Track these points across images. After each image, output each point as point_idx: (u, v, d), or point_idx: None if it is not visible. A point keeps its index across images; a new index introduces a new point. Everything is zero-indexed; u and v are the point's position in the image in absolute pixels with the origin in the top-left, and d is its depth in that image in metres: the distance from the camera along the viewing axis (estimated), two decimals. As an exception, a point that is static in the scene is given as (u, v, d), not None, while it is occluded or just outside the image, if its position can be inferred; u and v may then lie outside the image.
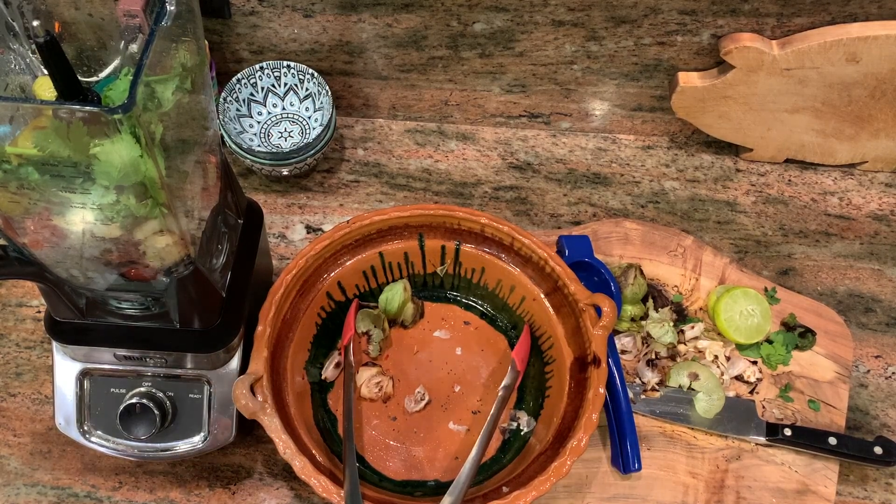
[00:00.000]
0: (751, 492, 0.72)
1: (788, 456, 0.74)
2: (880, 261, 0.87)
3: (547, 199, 0.91)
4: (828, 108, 0.85)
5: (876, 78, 0.80)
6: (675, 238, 0.85)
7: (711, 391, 0.75)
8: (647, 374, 0.76)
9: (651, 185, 0.92)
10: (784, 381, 0.78)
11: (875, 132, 0.87)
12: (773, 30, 0.80)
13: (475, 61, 0.88)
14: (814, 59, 0.79)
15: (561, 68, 0.87)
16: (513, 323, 0.79)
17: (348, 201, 0.90)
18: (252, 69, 0.87)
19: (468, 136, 0.96)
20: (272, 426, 0.63)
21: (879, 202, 0.91)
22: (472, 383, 0.76)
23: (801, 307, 0.81)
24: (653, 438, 0.74)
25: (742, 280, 0.82)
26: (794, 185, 0.92)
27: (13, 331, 0.81)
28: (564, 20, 0.81)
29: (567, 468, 0.63)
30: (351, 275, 0.77)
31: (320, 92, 0.88)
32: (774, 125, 0.88)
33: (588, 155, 0.94)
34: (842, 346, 0.79)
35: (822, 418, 0.76)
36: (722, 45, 0.80)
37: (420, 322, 0.79)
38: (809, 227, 0.89)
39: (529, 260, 0.74)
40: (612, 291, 0.78)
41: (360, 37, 0.86)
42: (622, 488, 0.72)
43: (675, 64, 0.85)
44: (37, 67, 0.56)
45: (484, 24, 0.83)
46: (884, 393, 0.79)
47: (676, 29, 0.81)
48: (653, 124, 0.94)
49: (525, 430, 0.73)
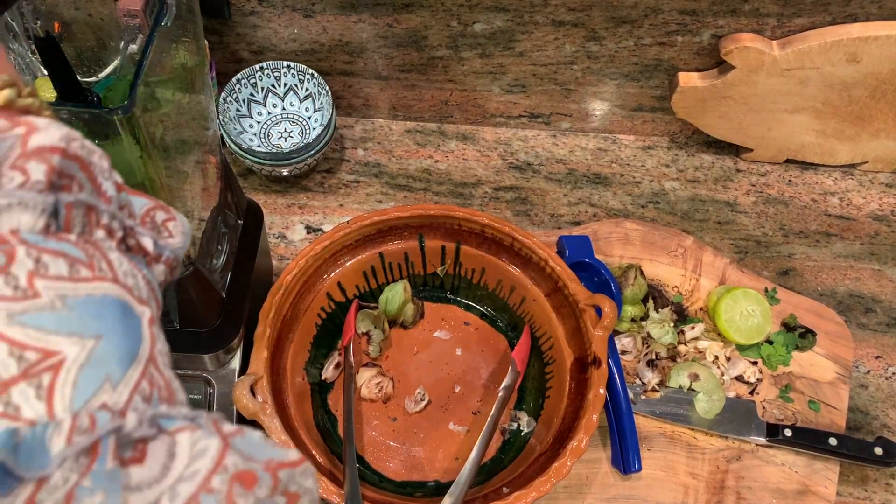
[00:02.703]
0: (751, 492, 0.72)
1: (789, 456, 0.74)
2: (880, 261, 0.87)
3: (547, 199, 0.91)
4: (828, 109, 0.85)
5: (876, 78, 0.80)
6: (675, 238, 0.85)
7: (712, 392, 0.75)
8: (647, 375, 0.76)
9: (651, 185, 0.92)
10: (784, 381, 0.77)
11: (875, 132, 0.87)
12: (774, 30, 0.80)
13: (475, 61, 0.87)
14: (814, 59, 0.79)
15: (561, 68, 0.87)
16: (513, 323, 0.79)
17: (348, 201, 0.90)
18: (252, 69, 0.87)
19: (468, 136, 0.96)
20: (272, 427, 0.63)
21: (880, 202, 0.91)
22: (473, 384, 0.76)
23: (801, 308, 0.81)
24: (653, 439, 0.74)
25: (742, 280, 0.82)
26: (794, 186, 0.92)
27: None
28: (565, 20, 0.81)
29: (567, 469, 0.63)
30: (351, 275, 0.77)
31: (320, 92, 0.88)
32: (775, 125, 0.88)
33: (588, 155, 0.94)
34: (842, 346, 0.79)
35: (823, 419, 0.76)
36: (722, 45, 0.80)
37: (420, 322, 0.79)
38: (810, 227, 0.89)
39: (530, 260, 0.74)
40: (613, 292, 0.77)
41: (360, 37, 0.86)
42: (622, 489, 0.72)
43: (675, 64, 0.85)
44: (37, 67, 0.56)
45: (484, 24, 0.83)
46: (884, 393, 0.79)
47: (677, 29, 0.81)
48: (653, 124, 0.94)
49: (525, 431, 0.73)
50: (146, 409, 0.27)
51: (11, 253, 0.27)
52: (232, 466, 0.26)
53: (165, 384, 0.29)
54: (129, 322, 0.29)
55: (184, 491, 0.25)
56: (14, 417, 0.25)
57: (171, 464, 0.26)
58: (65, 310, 0.27)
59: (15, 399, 0.25)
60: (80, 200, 0.30)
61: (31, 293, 0.26)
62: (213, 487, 0.25)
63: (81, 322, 0.27)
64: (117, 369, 0.27)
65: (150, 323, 0.30)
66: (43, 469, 0.24)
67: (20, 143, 0.28)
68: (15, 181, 0.28)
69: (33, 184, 0.28)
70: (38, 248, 0.27)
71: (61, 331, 0.26)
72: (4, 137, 0.28)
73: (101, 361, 0.27)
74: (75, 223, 0.30)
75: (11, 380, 0.25)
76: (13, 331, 0.26)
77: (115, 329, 0.28)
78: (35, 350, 0.26)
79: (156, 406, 0.28)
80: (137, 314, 0.30)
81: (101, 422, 0.25)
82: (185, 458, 0.26)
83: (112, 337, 0.28)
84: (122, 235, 0.32)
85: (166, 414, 0.28)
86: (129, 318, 0.29)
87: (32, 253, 0.27)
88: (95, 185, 0.31)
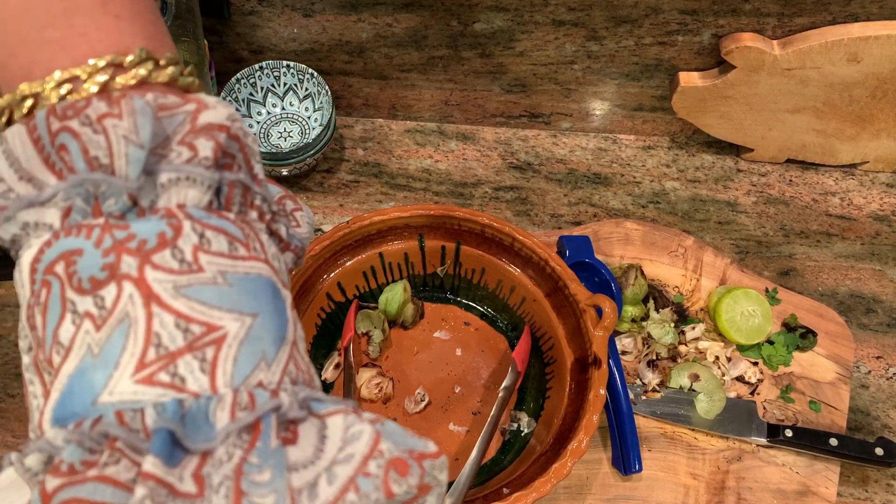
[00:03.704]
0: (752, 493, 0.72)
1: (789, 457, 0.74)
2: (881, 261, 0.87)
3: (547, 199, 0.91)
4: (829, 109, 0.85)
5: (877, 78, 0.80)
6: (675, 238, 0.84)
7: (712, 392, 0.74)
8: (647, 375, 0.76)
9: (652, 185, 0.92)
10: (785, 381, 0.77)
11: (876, 132, 0.87)
12: (774, 30, 0.79)
13: (475, 61, 0.87)
14: (815, 59, 0.79)
15: (561, 68, 0.87)
16: (513, 324, 0.79)
17: (348, 201, 0.90)
18: (251, 69, 0.87)
19: (468, 136, 0.95)
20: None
21: (880, 202, 0.91)
22: (473, 384, 0.76)
23: (802, 308, 0.81)
24: (653, 439, 0.74)
25: (743, 281, 0.82)
26: (795, 186, 0.92)
27: (12, 331, 0.81)
28: (565, 20, 0.81)
29: (568, 469, 0.62)
30: (351, 275, 0.77)
31: (320, 92, 0.88)
32: (775, 125, 0.88)
33: (588, 155, 0.94)
34: (843, 346, 0.79)
35: (823, 419, 0.76)
36: (723, 44, 0.80)
37: (420, 323, 0.79)
38: (810, 227, 0.89)
39: (530, 260, 0.74)
40: (613, 292, 0.77)
41: (360, 36, 0.86)
42: (623, 489, 0.72)
43: (675, 64, 0.85)
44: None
45: (484, 23, 0.82)
46: (885, 394, 0.79)
47: (677, 29, 0.81)
48: (653, 124, 0.94)
49: (525, 432, 0.73)
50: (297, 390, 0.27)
51: (179, 227, 0.28)
52: (387, 452, 0.26)
53: (306, 368, 0.30)
54: (278, 303, 0.29)
55: (342, 473, 0.25)
56: (180, 389, 0.25)
57: (323, 446, 0.26)
58: (226, 286, 0.27)
59: (181, 371, 0.25)
60: (239, 180, 0.30)
61: (196, 267, 0.27)
62: (370, 472, 0.25)
63: (240, 299, 0.27)
64: (271, 348, 0.28)
65: (292, 307, 0.31)
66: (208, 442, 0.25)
67: (190, 120, 0.29)
68: (183, 156, 0.28)
69: (201, 160, 0.28)
70: (203, 223, 0.28)
71: (223, 306, 0.27)
72: (176, 113, 0.29)
73: (258, 339, 0.27)
74: (234, 202, 0.30)
75: (178, 351, 0.26)
76: (179, 303, 0.26)
77: (268, 309, 0.28)
78: (199, 324, 0.26)
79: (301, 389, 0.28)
80: (283, 296, 0.30)
81: (261, 400, 0.26)
82: (337, 441, 0.26)
83: (266, 316, 0.28)
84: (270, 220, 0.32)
85: (317, 397, 0.28)
86: (278, 299, 0.29)
87: (197, 228, 0.28)
88: (249, 166, 0.31)
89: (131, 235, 0.27)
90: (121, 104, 0.27)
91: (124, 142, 0.27)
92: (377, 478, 0.25)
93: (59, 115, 0.27)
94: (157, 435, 0.24)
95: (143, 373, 0.25)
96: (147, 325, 0.26)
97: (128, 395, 0.25)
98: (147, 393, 0.25)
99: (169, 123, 0.28)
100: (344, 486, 0.25)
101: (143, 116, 0.27)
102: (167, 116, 0.28)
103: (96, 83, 0.28)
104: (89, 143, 0.27)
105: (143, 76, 0.29)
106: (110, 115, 0.27)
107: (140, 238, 0.27)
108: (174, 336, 0.26)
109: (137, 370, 0.25)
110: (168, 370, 0.25)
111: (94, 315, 0.26)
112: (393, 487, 0.25)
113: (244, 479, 0.24)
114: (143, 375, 0.25)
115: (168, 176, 0.28)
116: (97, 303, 0.26)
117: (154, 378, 0.25)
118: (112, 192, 0.27)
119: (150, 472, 0.23)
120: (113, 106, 0.27)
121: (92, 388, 0.25)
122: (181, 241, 0.27)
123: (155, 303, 0.26)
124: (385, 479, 0.25)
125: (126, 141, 0.27)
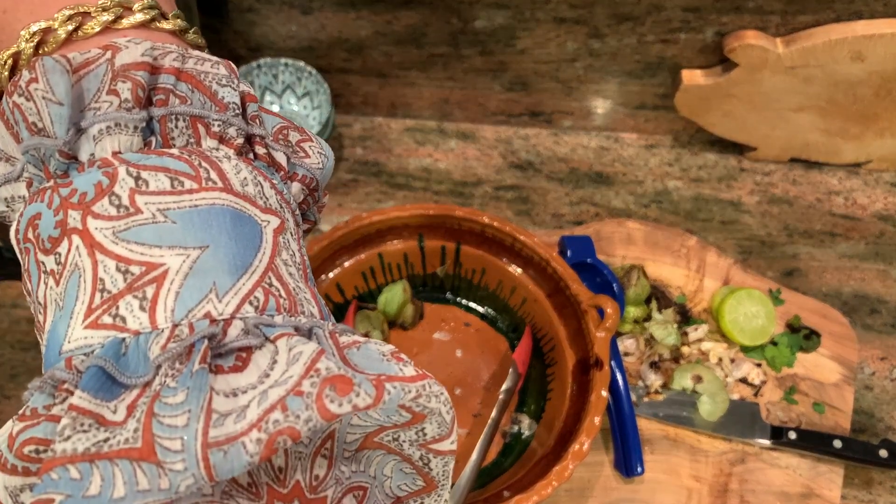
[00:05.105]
0: (755, 495, 0.71)
1: (793, 459, 0.73)
2: (886, 261, 0.86)
3: (548, 198, 0.90)
4: (833, 107, 0.84)
5: (881, 76, 0.79)
6: (678, 238, 0.84)
7: (715, 394, 0.74)
8: (650, 377, 0.76)
9: (654, 184, 0.91)
10: (788, 383, 0.77)
11: (880, 131, 0.86)
12: (778, 27, 0.79)
13: (476, 59, 0.87)
14: (818, 57, 0.78)
15: (563, 66, 0.86)
16: (514, 324, 0.78)
17: (347, 201, 0.89)
18: (249, 67, 0.86)
19: (468, 134, 0.95)
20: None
21: (885, 202, 0.90)
22: (473, 386, 0.75)
23: (805, 308, 0.80)
24: (656, 441, 0.73)
25: (746, 281, 0.81)
26: (798, 185, 0.91)
27: (8, 332, 0.80)
28: (566, 17, 0.80)
29: (569, 472, 0.62)
30: (349, 276, 0.76)
31: (318, 90, 0.87)
32: (779, 124, 0.87)
33: (590, 154, 0.93)
34: (847, 347, 0.78)
35: (827, 421, 0.75)
36: (726, 42, 0.79)
37: (420, 323, 0.78)
38: (814, 227, 0.88)
39: (531, 261, 0.74)
40: (615, 293, 0.77)
41: (359, 34, 0.85)
42: (625, 492, 0.71)
43: (678, 62, 0.84)
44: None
45: (485, 21, 0.82)
46: (889, 395, 0.78)
47: (680, 26, 0.80)
48: (656, 123, 0.93)
49: (526, 434, 0.72)
50: (252, 317, 0.27)
51: (114, 174, 0.28)
52: (325, 371, 0.26)
53: (287, 294, 0.29)
54: (241, 230, 0.29)
55: (273, 395, 0.25)
56: (122, 328, 0.26)
57: (270, 371, 0.26)
58: (167, 223, 0.28)
59: (122, 311, 0.27)
60: (176, 112, 0.30)
61: (133, 210, 0.28)
62: (302, 391, 0.25)
63: (184, 233, 0.28)
64: (225, 278, 0.28)
65: (277, 232, 0.31)
66: (142, 376, 0.25)
67: (109, 67, 0.29)
68: (112, 104, 0.29)
69: (122, 102, 0.29)
70: (138, 165, 0.29)
71: (163, 244, 0.27)
72: (99, 64, 0.29)
73: (206, 271, 0.28)
74: (174, 136, 0.30)
75: (119, 293, 0.27)
76: (119, 248, 0.27)
77: (224, 238, 0.28)
78: (138, 264, 0.27)
79: (257, 317, 0.28)
80: (257, 222, 0.30)
81: (199, 329, 0.26)
82: (283, 364, 0.26)
83: (220, 246, 0.28)
84: (245, 143, 0.32)
85: (270, 322, 0.28)
86: (241, 225, 0.29)
87: (132, 171, 0.28)
88: (207, 93, 0.31)
89: (73, 191, 0.28)
90: (35, 67, 0.28)
91: (44, 102, 0.28)
92: (310, 396, 0.25)
93: (10, 91, 0.29)
94: (86, 372, 0.25)
95: (90, 318, 0.27)
96: (94, 273, 0.27)
97: (81, 340, 0.27)
98: (95, 336, 0.26)
99: (95, 76, 0.29)
100: (271, 405, 0.24)
101: (53, 74, 0.28)
102: (92, 70, 0.29)
103: (66, 31, 0.30)
104: (28, 111, 0.28)
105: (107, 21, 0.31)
106: (32, 81, 0.28)
107: (80, 191, 0.28)
108: (115, 279, 0.27)
109: (86, 316, 0.27)
110: (110, 312, 0.27)
111: (55, 272, 0.28)
112: (329, 406, 0.25)
113: (158, 401, 0.24)
114: (91, 321, 0.27)
115: (98, 127, 0.29)
116: (56, 259, 0.28)
117: (99, 322, 0.27)
118: (49, 153, 0.29)
119: (75, 405, 0.24)
120: (32, 70, 0.28)
121: (58, 340, 0.27)
122: (117, 187, 0.28)
123: (98, 250, 0.27)
124: (319, 396, 0.25)
125: (45, 101, 0.28)
